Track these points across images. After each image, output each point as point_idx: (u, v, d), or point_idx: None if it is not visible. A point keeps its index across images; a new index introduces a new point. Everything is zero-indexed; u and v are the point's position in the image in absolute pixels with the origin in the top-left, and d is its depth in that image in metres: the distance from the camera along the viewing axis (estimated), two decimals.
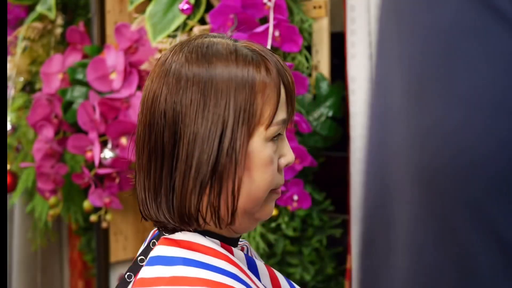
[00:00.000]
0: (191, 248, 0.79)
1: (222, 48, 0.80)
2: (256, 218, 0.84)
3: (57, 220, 2.01)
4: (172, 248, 0.79)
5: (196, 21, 1.42)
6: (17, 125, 1.87)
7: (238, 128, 0.77)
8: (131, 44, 1.58)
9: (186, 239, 0.80)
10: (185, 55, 0.80)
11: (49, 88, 1.70)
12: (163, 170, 0.79)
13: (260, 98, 0.78)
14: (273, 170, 0.81)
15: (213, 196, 0.78)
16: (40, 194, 1.78)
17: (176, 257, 0.77)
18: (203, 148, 0.77)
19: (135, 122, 1.57)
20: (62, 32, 1.92)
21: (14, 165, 1.94)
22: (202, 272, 0.75)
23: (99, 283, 1.73)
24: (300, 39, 1.36)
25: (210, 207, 0.79)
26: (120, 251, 1.80)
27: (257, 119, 0.78)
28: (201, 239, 0.80)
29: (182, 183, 0.78)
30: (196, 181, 0.77)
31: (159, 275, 0.76)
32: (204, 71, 0.78)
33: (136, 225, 1.82)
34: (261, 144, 0.79)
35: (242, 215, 0.81)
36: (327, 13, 1.49)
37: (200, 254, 0.78)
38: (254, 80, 0.78)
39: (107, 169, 1.54)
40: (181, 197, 0.78)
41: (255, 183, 0.79)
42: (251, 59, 0.79)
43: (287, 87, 0.81)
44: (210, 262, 0.77)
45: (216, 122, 0.77)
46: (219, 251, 0.79)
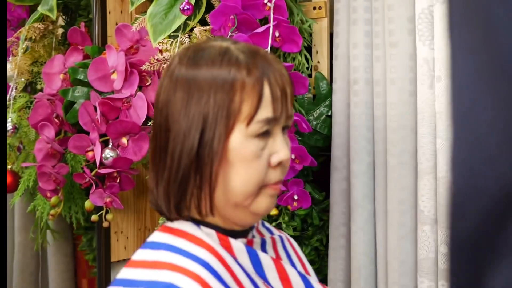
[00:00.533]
0: (180, 235, 0.86)
1: (214, 51, 0.85)
2: (252, 212, 0.88)
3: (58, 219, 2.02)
4: (164, 234, 0.87)
5: (196, 22, 1.43)
6: (19, 125, 1.87)
7: (217, 124, 0.82)
8: (132, 44, 1.58)
9: (178, 227, 0.87)
10: (181, 58, 0.87)
11: (50, 89, 1.71)
12: (160, 163, 0.87)
13: (238, 96, 0.82)
14: (259, 166, 0.84)
15: (195, 187, 0.85)
16: (41, 194, 1.79)
17: (162, 243, 0.85)
18: (185, 142, 0.83)
19: (136, 122, 1.58)
20: (63, 32, 1.92)
21: (15, 165, 1.95)
22: (175, 258, 0.82)
23: (100, 282, 1.73)
24: (300, 40, 1.36)
25: (192, 198, 0.86)
26: (121, 251, 1.80)
27: (236, 116, 0.83)
28: (191, 228, 0.87)
29: (169, 175, 0.85)
30: (178, 173, 0.84)
31: (144, 258, 0.84)
32: (191, 72, 0.85)
33: (137, 224, 1.83)
34: (243, 141, 0.83)
35: (234, 208, 0.86)
36: (327, 13, 1.50)
37: (184, 241, 0.84)
38: (234, 79, 0.83)
39: (108, 169, 1.54)
40: (168, 187, 0.86)
41: (240, 177, 0.84)
42: (235, 60, 0.84)
43: (273, 87, 0.84)
44: (188, 249, 0.83)
45: (197, 118, 0.82)
46: (204, 240, 0.84)
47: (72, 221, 1.92)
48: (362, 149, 1.43)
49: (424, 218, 1.42)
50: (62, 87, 1.68)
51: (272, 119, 0.84)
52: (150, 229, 1.83)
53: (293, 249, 1.02)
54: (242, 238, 0.90)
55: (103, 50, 1.61)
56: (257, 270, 0.88)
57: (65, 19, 1.94)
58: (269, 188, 0.87)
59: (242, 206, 0.86)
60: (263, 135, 0.84)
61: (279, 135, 0.86)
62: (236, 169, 0.84)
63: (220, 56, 0.85)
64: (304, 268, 1.01)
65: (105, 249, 1.73)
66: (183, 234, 0.86)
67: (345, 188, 1.47)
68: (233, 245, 0.87)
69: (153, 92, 1.53)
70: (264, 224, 1.04)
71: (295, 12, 1.44)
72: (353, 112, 1.44)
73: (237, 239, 0.88)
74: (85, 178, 1.60)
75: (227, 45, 0.87)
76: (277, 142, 0.86)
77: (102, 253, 1.72)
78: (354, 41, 1.44)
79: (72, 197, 1.89)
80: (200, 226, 0.88)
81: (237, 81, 0.83)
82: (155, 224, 1.78)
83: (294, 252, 1.02)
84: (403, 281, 1.41)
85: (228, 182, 0.84)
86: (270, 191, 0.87)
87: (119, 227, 1.80)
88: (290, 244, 1.02)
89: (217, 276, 0.81)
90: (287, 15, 1.37)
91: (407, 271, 1.42)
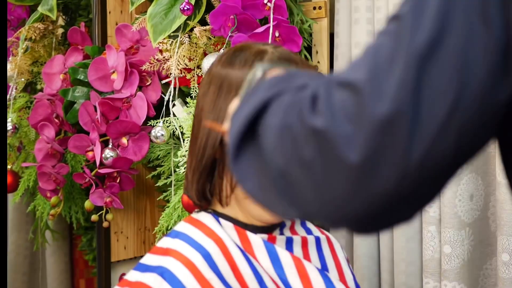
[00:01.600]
0: (197, 226, 0.92)
1: (250, 52, 0.91)
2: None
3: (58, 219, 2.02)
4: (185, 224, 0.93)
5: (196, 22, 1.43)
6: (19, 125, 1.87)
7: None
8: (132, 44, 1.58)
9: (198, 218, 0.93)
10: (221, 56, 0.94)
11: (50, 89, 1.71)
12: (192, 151, 0.93)
13: None
14: None
15: (217, 177, 0.91)
16: (41, 194, 1.79)
17: (180, 232, 0.92)
18: (210, 133, 0.89)
19: (136, 122, 1.58)
20: (63, 32, 1.92)
21: (15, 165, 1.95)
22: (183, 246, 0.88)
23: (100, 282, 1.73)
24: (300, 40, 1.36)
25: (214, 188, 0.91)
26: (121, 251, 1.80)
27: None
28: (209, 220, 0.92)
29: (196, 163, 0.91)
30: (202, 162, 0.90)
31: (162, 245, 0.91)
32: (225, 70, 0.91)
33: (137, 224, 1.83)
34: None
35: (249, 201, 0.90)
36: (327, 13, 1.50)
37: (198, 232, 0.90)
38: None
39: (108, 169, 1.54)
40: (194, 175, 0.92)
41: None
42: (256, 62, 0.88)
43: None
44: (198, 239, 0.89)
45: (223, 112, 0.88)
46: (216, 233, 0.90)
47: (71, 221, 1.92)
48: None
49: (429, 219, 1.42)
50: (62, 87, 1.68)
51: None
52: (150, 229, 1.83)
53: (332, 252, 1.03)
54: (263, 234, 0.93)
55: (103, 50, 1.61)
56: (275, 265, 0.91)
57: (65, 19, 1.94)
58: None
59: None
60: None
61: None
62: None
63: (253, 57, 0.90)
64: (340, 272, 1.01)
65: (105, 249, 1.73)
66: (200, 225, 0.92)
67: None
68: (250, 239, 0.91)
69: (153, 92, 1.53)
70: (305, 224, 1.05)
71: (295, 12, 1.44)
72: None
73: (257, 234, 0.92)
74: (85, 178, 1.60)
75: (265, 48, 0.92)
76: None
77: (102, 253, 1.72)
78: (356, 41, 1.44)
79: (72, 197, 1.89)
80: (219, 218, 0.93)
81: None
82: (155, 224, 1.78)
83: (332, 254, 1.02)
84: (409, 282, 1.41)
85: None
86: None
87: (119, 227, 1.80)
88: (329, 246, 1.03)
89: (214, 268, 0.86)
90: (287, 15, 1.37)
91: (414, 272, 1.42)
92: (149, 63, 1.48)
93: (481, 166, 1.39)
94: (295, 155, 0.52)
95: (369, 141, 0.48)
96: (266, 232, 0.94)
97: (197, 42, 1.44)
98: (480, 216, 1.43)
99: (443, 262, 1.39)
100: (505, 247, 1.32)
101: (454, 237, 1.38)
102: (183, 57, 1.43)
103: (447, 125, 0.47)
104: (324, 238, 1.03)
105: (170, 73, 1.44)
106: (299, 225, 1.04)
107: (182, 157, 1.39)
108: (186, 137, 1.39)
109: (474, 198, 1.41)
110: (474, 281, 1.44)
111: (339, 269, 1.01)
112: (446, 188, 1.41)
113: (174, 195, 1.48)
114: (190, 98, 1.43)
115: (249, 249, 0.91)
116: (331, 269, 0.99)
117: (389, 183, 0.48)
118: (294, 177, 0.52)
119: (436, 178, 0.50)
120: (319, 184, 0.51)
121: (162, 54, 1.45)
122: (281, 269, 0.91)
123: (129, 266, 1.83)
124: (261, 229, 0.94)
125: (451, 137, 0.48)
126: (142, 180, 1.81)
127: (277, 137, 0.54)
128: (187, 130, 1.39)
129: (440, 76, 0.47)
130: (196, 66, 1.46)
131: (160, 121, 1.45)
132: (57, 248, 2.15)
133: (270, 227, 0.95)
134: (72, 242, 2.19)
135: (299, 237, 0.98)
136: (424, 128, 0.47)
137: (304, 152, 0.51)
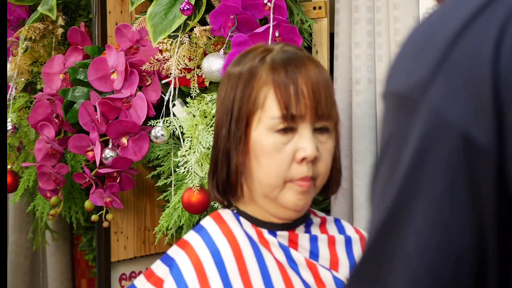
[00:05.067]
0: (218, 222, 0.96)
1: (259, 51, 0.95)
2: (281, 205, 0.93)
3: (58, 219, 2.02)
4: (209, 220, 0.97)
5: (196, 22, 1.43)
6: (19, 125, 1.87)
7: (239, 116, 0.91)
8: (132, 44, 1.58)
9: (221, 214, 0.97)
10: (237, 56, 0.98)
11: (50, 89, 1.71)
12: (214, 149, 0.97)
13: (259, 91, 0.91)
14: (280, 160, 0.90)
15: (231, 174, 0.93)
16: (41, 194, 1.79)
17: (203, 226, 0.96)
18: (221, 130, 0.94)
19: (136, 122, 1.58)
20: (63, 32, 1.92)
21: (15, 165, 1.95)
22: (198, 241, 0.93)
23: (100, 282, 1.73)
24: (300, 40, 1.36)
25: (228, 184, 0.94)
26: (121, 251, 1.80)
27: (256, 111, 0.90)
28: (230, 218, 0.96)
29: (212, 160, 0.96)
30: (217, 160, 0.94)
31: (185, 238, 0.97)
32: (233, 68, 0.95)
33: (137, 224, 1.83)
34: (263, 134, 0.90)
35: (264, 198, 0.93)
36: (327, 13, 1.50)
37: (217, 228, 0.94)
38: (256, 76, 0.91)
39: (108, 169, 1.54)
40: (211, 172, 0.96)
41: (263, 169, 0.91)
42: (269, 59, 0.92)
43: (295, 87, 0.89)
44: (214, 236, 0.93)
45: (227, 110, 0.93)
46: (232, 231, 0.94)
47: (72, 221, 1.92)
48: (365, 149, 1.42)
49: None
50: (62, 87, 1.68)
51: (288, 116, 0.89)
52: (150, 229, 1.83)
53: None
54: (284, 231, 0.95)
55: (103, 50, 1.61)
56: (291, 263, 0.93)
57: (65, 19, 1.94)
58: (294, 184, 0.91)
59: (270, 197, 0.92)
60: (286, 131, 0.90)
61: (307, 133, 0.90)
62: (259, 160, 0.91)
63: (259, 55, 0.93)
64: None
65: (105, 249, 1.72)
66: (221, 222, 0.96)
67: (346, 188, 1.47)
68: (266, 238, 0.94)
69: (153, 92, 1.53)
70: (340, 222, 1.06)
71: (295, 12, 1.44)
72: (355, 112, 1.44)
73: (276, 232, 0.95)
74: (85, 178, 1.60)
75: (273, 47, 0.95)
76: (304, 139, 0.90)
77: (102, 253, 1.72)
78: (356, 41, 1.44)
79: (72, 197, 1.89)
80: (239, 217, 0.96)
81: (258, 77, 0.91)
82: (155, 224, 1.78)
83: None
84: None
85: (254, 172, 0.92)
86: (295, 187, 0.91)
87: (119, 227, 1.80)
88: (362, 247, 1.02)
89: (220, 265, 0.90)
90: (287, 15, 1.37)
91: None
92: (149, 63, 1.47)
93: None
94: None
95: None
96: (287, 229, 0.96)
97: (197, 42, 1.44)
98: None
99: None
100: None
101: None
102: (183, 57, 1.43)
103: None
104: (357, 239, 1.04)
105: (170, 73, 1.44)
106: (332, 224, 1.04)
107: (182, 157, 1.39)
108: (186, 137, 1.39)
109: None
110: None
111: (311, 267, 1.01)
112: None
113: (174, 195, 1.48)
114: (190, 98, 1.43)
115: (267, 246, 0.94)
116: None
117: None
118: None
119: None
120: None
121: (162, 54, 1.45)
122: (296, 267, 0.93)
123: (129, 266, 1.83)
124: (280, 226, 0.96)
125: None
126: (142, 180, 1.81)
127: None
128: (187, 130, 1.39)
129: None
130: (196, 66, 1.45)
131: (160, 121, 1.45)
132: (58, 248, 2.15)
133: (291, 224, 0.97)
134: (73, 242, 2.19)
135: (325, 236, 0.99)
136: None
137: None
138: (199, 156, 1.36)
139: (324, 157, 0.93)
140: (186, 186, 1.41)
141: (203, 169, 1.38)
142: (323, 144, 0.92)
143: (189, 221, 1.51)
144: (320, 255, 0.97)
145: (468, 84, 0.47)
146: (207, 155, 1.39)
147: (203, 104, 1.39)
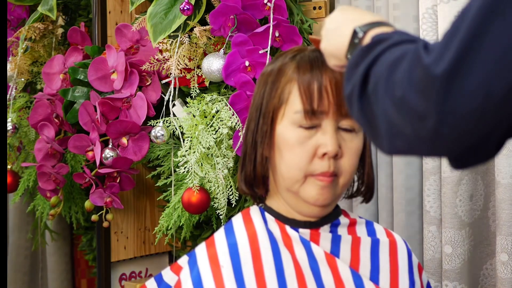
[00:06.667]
0: (245, 219, 0.99)
1: (292, 51, 0.98)
2: (303, 200, 0.94)
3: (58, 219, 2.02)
4: (239, 216, 1.00)
5: (196, 22, 1.43)
6: (19, 125, 1.87)
7: (267, 111, 0.95)
8: (132, 44, 1.58)
9: (250, 211, 1.00)
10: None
11: (50, 89, 1.71)
12: (244, 143, 1.01)
13: (284, 88, 0.94)
14: (302, 153, 0.92)
15: (258, 168, 0.97)
16: (41, 194, 1.79)
17: (231, 222, 1.00)
18: (249, 125, 0.98)
19: (136, 122, 1.58)
20: (63, 32, 1.92)
21: (15, 165, 1.95)
22: (222, 238, 0.97)
23: (100, 282, 1.73)
24: (300, 40, 1.36)
25: (255, 178, 0.98)
26: (121, 251, 1.80)
27: (281, 106, 0.94)
28: (256, 214, 0.99)
29: (242, 154, 1.00)
30: (246, 153, 0.98)
31: (214, 234, 1.00)
32: (265, 67, 1.00)
33: (137, 224, 1.83)
34: (287, 129, 0.93)
35: (287, 192, 0.96)
36: (327, 13, 1.50)
37: (242, 225, 0.97)
38: (282, 73, 0.95)
39: (108, 169, 1.54)
40: (240, 166, 1.00)
41: (284, 162, 0.93)
42: (298, 58, 0.95)
43: (319, 85, 0.92)
44: (237, 232, 0.97)
45: (256, 105, 0.97)
46: (254, 228, 0.96)
47: (71, 221, 1.92)
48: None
49: (430, 219, 1.42)
50: (62, 87, 1.68)
51: (311, 111, 0.91)
52: (150, 229, 1.83)
53: (391, 257, 1.01)
54: (305, 229, 0.96)
55: (103, 50, 1.61)
56: (311, 260, 0.94)
57: (65, 19, 1.94)
58: (315, 178, 0.92)
59: (292, 191, 0.95)
60: (310, 127, 0.92)
61: (330, 130, 0.92)
62: (282, 153, 0.94)
63: (291, 54, 0.97)
64: (393, 277, 0.99)
65: (105, 249, 1.72)
66: (247, 217, 0.99)
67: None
68: (289, 232, 0.96)
69: (153, 92, 1.53)
70: (372, 225, 1.04)
71: (295, 12, 1.44)
72: None
73: (298, 228, 0.97)
74: (85, 178, 1.60)
75: (306, 48, 0.98)
76: (326, 135, 0.92)
77: (102, 253, 1.72)
78: None
79: (72, 197, 1.89)
80: (264, 212, 0.99)
81: (285, 74, 0.95)
82: (155, 224, 1.78)
83: (389, 259, 1.00)
84: None
85: (277, 165, 0.95)
86: (316, 181, 0.93)
87: (119, 227, 1.80)
88: (390, 251, 1.01)
89: (234, 256, 0.93)
90: (287, 15, 1.37)
91: None
92: (149, 63, 1.47)
93: (481, 167, 1.39)
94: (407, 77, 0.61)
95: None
96: (310, 227, 0.97)
97: (197, 42, 1.44)
98: (480, 216, 1.43)
99: (444, 262, 1.40)
100: (504, 247, 1.32)
101: (454, 237, 1.38)
102: (183, 57, 1.43)
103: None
104: (387, 242, 1.02)
105: (170, 73, 1.44)
106: (362, 226, 1.03)
107: (182, 157, 1.39)
108: (186, 137, 1.39)
109: (474, 198, 1.41)
110: (474, 281, 1.44)
111: (393, 274, 0.99)
112: (446, 188, 1.41)
113: (174, 195, 1.48)
114: (190, 98, 1.43)
115: (289, 242, 0.95)
116: (383, 273, 0.98)
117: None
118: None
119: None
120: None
121: (162, 54, 1.45)
122: (316, 264, 0.94)
123: (129, 266, 1.83)
124: (303, 224, 0.97)
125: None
126: (142, 180, 1.81)
127: (389, 66, 0.63)
128: (187, 130, 1.39)
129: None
130: (196, 66, 1.46)
131: (160, 121, 1.45)
132: (58, 248, 2.15)
133: (315, 222, 0.97)
134: (73, 242, 2.19)
135: (349, 237, 0.99)
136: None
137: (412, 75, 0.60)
138: (199, 156, 1.37)
139: (348, 155, 0.93)
140: (186, 186, 1.41)
141: (203, 169, 1.39)
142: (347, 142, 0.93)
143: (189, 221, 1.51)
144: (340, 257, 0.96)
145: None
146: (207, 155, 1.39)
147: (203, 104, 1.39)
